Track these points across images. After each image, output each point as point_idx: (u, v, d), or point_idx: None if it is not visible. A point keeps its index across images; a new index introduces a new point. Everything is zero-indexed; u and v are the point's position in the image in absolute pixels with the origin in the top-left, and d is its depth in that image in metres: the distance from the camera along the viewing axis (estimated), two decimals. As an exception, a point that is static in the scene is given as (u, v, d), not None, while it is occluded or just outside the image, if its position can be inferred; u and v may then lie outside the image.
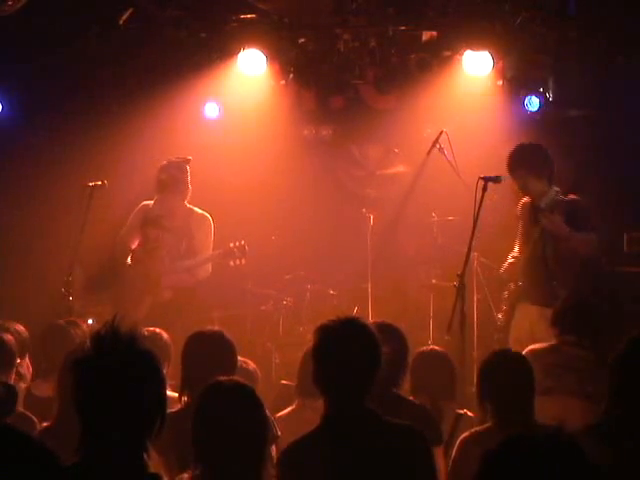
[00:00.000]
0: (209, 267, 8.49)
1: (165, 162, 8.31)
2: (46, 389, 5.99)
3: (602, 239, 7.79)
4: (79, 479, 2.93)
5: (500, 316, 8.25)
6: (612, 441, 3.72)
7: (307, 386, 5.24)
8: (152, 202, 8.44)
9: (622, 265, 8.92)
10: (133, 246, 8.48)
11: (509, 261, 8.20)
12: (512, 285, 8.11)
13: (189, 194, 8.39)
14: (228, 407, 3.74)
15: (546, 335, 7.45)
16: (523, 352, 5.79)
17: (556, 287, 7.72)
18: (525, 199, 8.12)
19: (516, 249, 8.22)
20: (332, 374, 3.93)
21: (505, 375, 4.83)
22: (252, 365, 6.03)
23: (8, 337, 6.10)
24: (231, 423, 3.68)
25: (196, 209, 8.47)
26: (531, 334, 7.67)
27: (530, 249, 7.94)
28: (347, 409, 3.92)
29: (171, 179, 8.23)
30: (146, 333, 6.12)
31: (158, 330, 6.34)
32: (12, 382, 5.80)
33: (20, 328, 6.62)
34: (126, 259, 8.37)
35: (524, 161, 7.88)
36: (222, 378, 3.96)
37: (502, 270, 8.24)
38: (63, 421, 4.79)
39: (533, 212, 7.98)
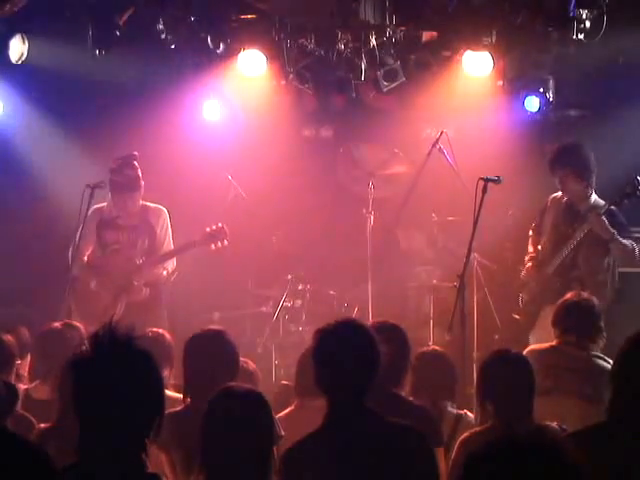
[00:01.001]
0: (174, 260, 8.44)
1: (114, 164, 8.22)
2: (44, 392, 5.98)
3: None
4: (79, 479, 2.93)
5: (519, 317, 8.17)
6: (614, 442, 3.70)
7: (305, 386, 5.25)
8: (104, 205, 8.34)
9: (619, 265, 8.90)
10: (88, 252, 8.35)
11: (528, 264, 8.16)
12: (534, 286, 8.06)
13: (142, 190, 8.35)
14: (239, 414, 3.75)
15: None
16: (523, 352, 5.78)
17: (574, 287, 7.70)
18: (556, 195, 8.10)
19: (530, 248, 8.17)
20: (332, 376, 3.95)
21: (505, 375, 4.82)
22: (252, 365, 6.02)
23: (7, 338, 6.09)
24: (241, 430, 3.69)
25: (150, 204, 8.46)
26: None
27: (566, 252, 7.90)
28: (348, 410, 3.94)
29: (127, 179, 8.19)
30: (150, 334, 6.14)
31: (161, 331, 6.35)
32: (11, 382, 5.77)
33: (22, 329, 6.61)
34: (83, 268, 8.24)
35: (567, 159, 7.88)
36: (232, 384, 4.00)
37: (524, 274, 8.20)
38: (64, 422, 4.78)
39: (570, 213, 7.97)
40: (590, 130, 9.51)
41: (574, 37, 8.50)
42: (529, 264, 8.15)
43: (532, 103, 9.29)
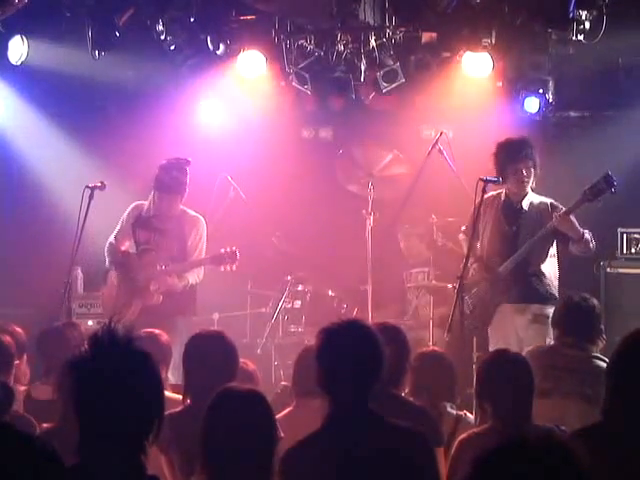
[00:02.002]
0: (201, 273, 8.33)
1: (165, 162, 8.18)
2: (45, 392, 5.96)
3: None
4: (78, 480, 2.93)
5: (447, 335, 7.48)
6: (611, 442, 3.69)
7: (303, 386, 5.25)
8: (146, 202, 8.33)
9: (618, 267, 8.90)
10: (124, 247, 8.40)
11: (474, 266, 7.87)
12: (483, 285, 7.93)
13: (185, 196, 8.32)
14: (240, 414, 3.74)
15: (532, 333, 7.46)
16: (522, 353, 5.78)
17: (534, 283, 7.69)
18: (490, 194, 7.80)
19: (465, 249, 7.61)
20: (335, 376, 3.94)
21: (505, 376, 4.80)
22: (252, 366, 6.02)
23: (6, 338, 6.08)
24: (243, 430, 3.68)
25: (189, 211, 8.37)
26: (515, 334, 7.65)
27: (506, 249, 7.79)
28: (350, 410, 3.93)
29: (173, 181, 8.14)
30: (144, 334, 6.12)
31: (157, 331, 6.32)
32: (10, 383, 5.77)
33: (17, 329, 6.60)
34: (116, 260, 8.26)
35: (532, 153, 7.78)
36: (233, 385, 3.98)
37: (472, 275, 7.86)
38: (66, 423, 4.77)
39: (511, 211, 7.87)
40: (590, 131, 9.52)
41: (574, 38, 8.51)
42: (475, 265, 7.90)
43: (532, 104, 9.29)
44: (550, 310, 7.12)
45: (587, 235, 7.62)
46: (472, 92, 9.33)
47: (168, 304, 8.12)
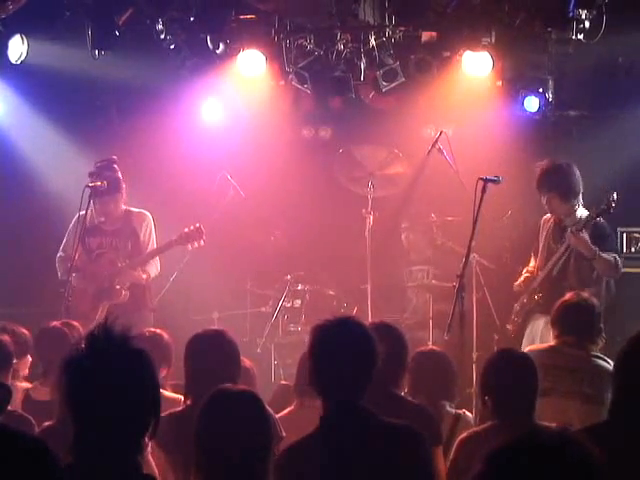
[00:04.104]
0: (158, 265, 8.44)
1: (93, 168, 8.18)
2: (44, 392, 5.95)
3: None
4: (73, 480, 2.90)
5: (510, 327, 8.21)
6: (618, 441, 3.65)
7: (306, 385, 5.22)
8: (86, 211, 8.13)
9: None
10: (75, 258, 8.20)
11: (524, 275, 8.21)
12: (525, 299, 8.09)
13: (125, 193, 8.31)
14: (233, 414, 3.70)
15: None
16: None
17: None
18: (547, 216, 8.17)
19: (532, 264, 8.20)
20: (328, 374, 3.91)
21: (508, 374, 4.78)
22: (248, 362, 6.00)
23: (4, 337, 6.05)
24: (236, 431, 3.64)
25: (133, 209, 8.44)
26: (540, 342, 7.66)
27: (551, 265, 7.96)
28: (344, 410, 3.89)
29: (108, 182, 8.14)
30: (147, 334, 6.11)
31: (159, 331, 6.33)
32: (8, 382, 5.73)
33: (20, 330, 6.57)
34: (67, 273, 8.09)
35: (552, 182, 7.94)
36: (226, 385, 3.94)
37: (516, 284, 8.23)
38: (65, 422, 4.74)
39: (558, 230, 8.00)
40: (589, 130, 9.50)
41: (573, 37, 8.48)
42: (523, 276, 8.20)
43: (531, 103, 9.27)
44: None
45: (608, 257, 7.75)
46: (472, 91, 9.31)
47: (134, 298, 8.22)
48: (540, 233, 8.21)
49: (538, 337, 7.79)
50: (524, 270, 8.25)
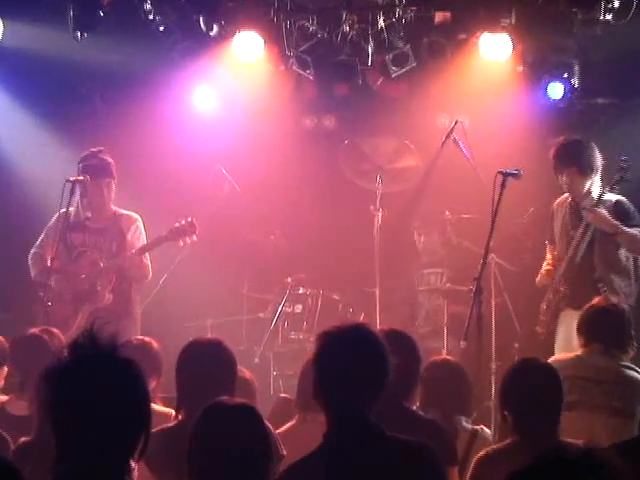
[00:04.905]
0: (149, 269, 8.38)
1: (85, 153, 8.22)
2: (21, 406, 5.94)
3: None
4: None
5: (539, 329, 8.19)
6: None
7: (308, 399, 5.22)
8: (67, 207, 8.09)
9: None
10: (50, 256, 8.16)
11: (545, 268, 8.19)
12: (551, 294, 8.08)
13: (114, 187, 8.31)
14: (230, 430, 3.71)
15: None
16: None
17: (601, 289, 7.71)
18: (560, 199, 8.16)
19: (548, 256, 8.20)
20: (334, 386, 3.88)
21: (531, 387, 4.78)
22: (248, 374, 6.01)
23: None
24: (233, 448, 3.64)
25: (123, 211, 8.43)
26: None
27: (572, 252, 7.94)
28: (350, 425, 3.88)
29: (103, 162, 8.16)
30: (135, 342, 6.12)
31: (148, 339, 6.34)
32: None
33: (-4, 337, 6.58)
34: (45, 274, 8.09)
35: (573, 158, 7.91)
36: (223, 398, 3.93)
37: (538, 281, 8.22)
38: (43, 438, 4.75)
39: (575, 214, 7.99)
40: (618, 119, 9.50)
41: (601, 18, 8.50)
42: (543, 270, 8.18)
43: (555, 90, 9.29)
44: None
45: (633, 231, 7.74)
46: (490, 77, 9.33)
47: (119, 303, 8.19)
48: (554, 219, 8.20)
49: (574, 336, 7.76)
50: (543, 263, 8.24)
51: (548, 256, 8.24)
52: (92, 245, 8.33)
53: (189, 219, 8.20)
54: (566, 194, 8.13)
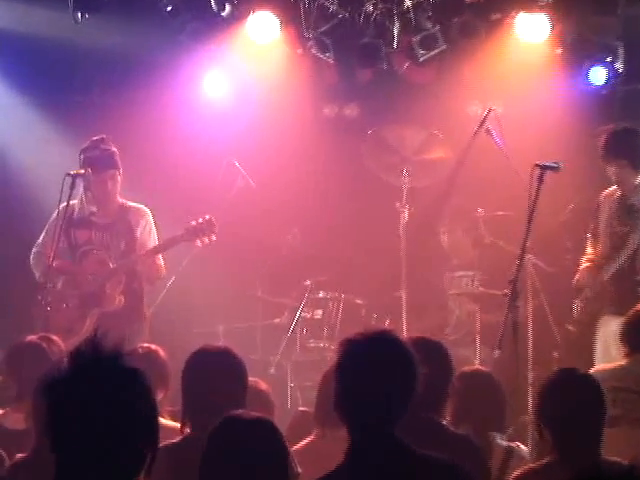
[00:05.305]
0: (162, 269, 8.41)
1: (87, 144, 8.23)
2: (18, 420, 5.96)
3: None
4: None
5: (572, 327, 8.18)
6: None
7: (328, 412, 5.22)
8: (74, 202, 8.24)
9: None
10: (52, 255, 8.08)
11: (584, 265, 8.20)
12: (589, 292, 8.07)
13: (120, 179, 8.32)
14: (246, 446, 3.72)
15: None
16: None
17: None
18: (608, 191, 8.15)
19: (589, 250, 8.19)
20: (357, 399, 3.88)
21: (571, 400, 4.77)
22: (264, 385, 6.02)
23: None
24: (249, 465, 3.66)
25: (130, 203, 8.44)
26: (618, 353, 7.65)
27: (617, 251, 7.92)
28: (374, 441, 3.88)
29: (106, 153, 8.17)
30: (140, 350, 6.13)
31: (154, 347, 6.35)
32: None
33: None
34: (47, 274, 8.07)
35: (624, 147, 7.92)
36: (239, 411, 3.95)
37: (576, 279, 8.23)
38: (41, 454, 4.78)
39: (624, 209, 7.98)
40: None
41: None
42: (583, 267, 8.17)
43: (597, 75, 9.28)
44: None
45: None
46: (526, 61, 9.33)
47: (130, 306, 8.19)
48: (600, 211, 8.19)
49: (613, 345, 7.75)
50: (582, 259, 8.25)
51: (588, 250, 8.24)
52: (99, 243, 8.34)
53: (207, 217, 8.16)
54: (615, 186, 8.12)
